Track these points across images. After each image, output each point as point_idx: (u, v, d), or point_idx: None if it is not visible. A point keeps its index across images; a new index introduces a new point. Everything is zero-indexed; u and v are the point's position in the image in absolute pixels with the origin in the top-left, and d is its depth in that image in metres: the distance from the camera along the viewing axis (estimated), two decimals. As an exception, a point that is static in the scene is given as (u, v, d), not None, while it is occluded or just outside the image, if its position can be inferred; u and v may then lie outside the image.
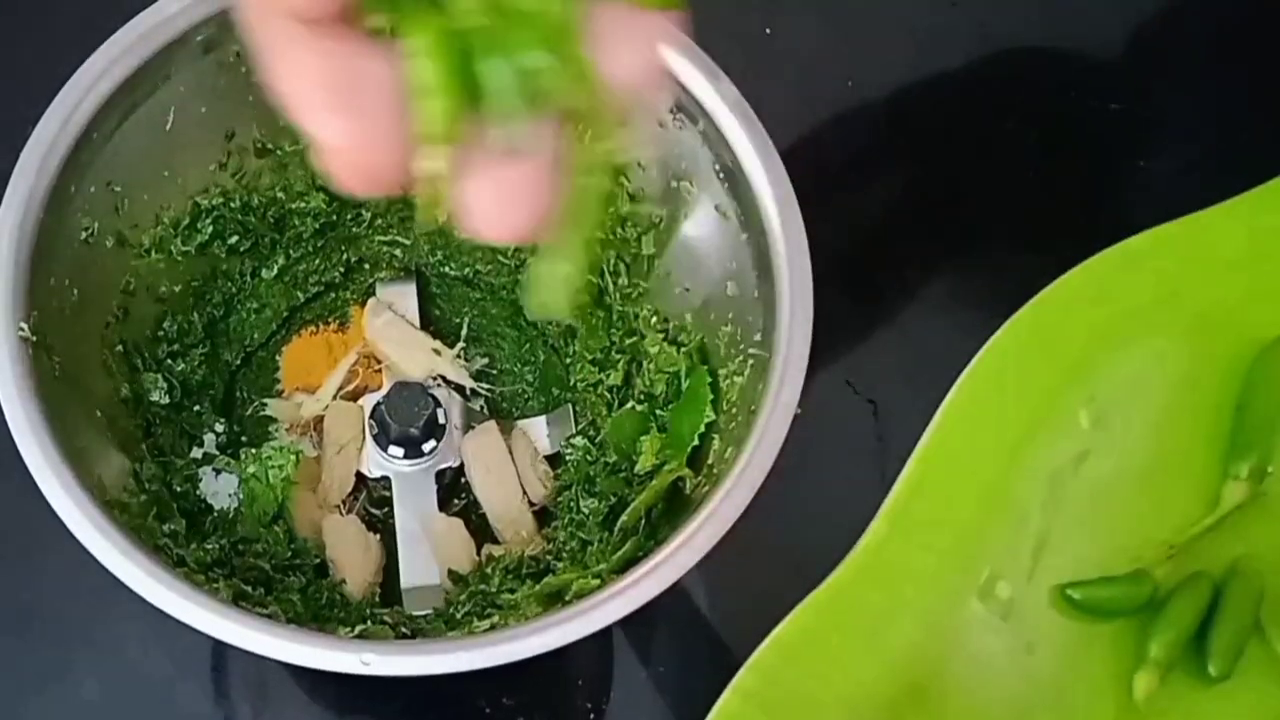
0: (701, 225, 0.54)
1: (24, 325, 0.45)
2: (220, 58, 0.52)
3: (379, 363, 0.61)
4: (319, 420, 0.59)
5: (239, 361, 0.60)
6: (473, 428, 0.60)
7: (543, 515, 0.59)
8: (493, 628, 0.49)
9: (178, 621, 0.43)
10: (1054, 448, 0.51)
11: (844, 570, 0.46)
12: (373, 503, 0.59)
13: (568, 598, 0.50)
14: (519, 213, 0.27)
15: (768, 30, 0.71)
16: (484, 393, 0.62)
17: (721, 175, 0.52)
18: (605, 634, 0.59)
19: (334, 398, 0.59)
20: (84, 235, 0.50)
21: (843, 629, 0.44)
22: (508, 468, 0.59)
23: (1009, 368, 0.51)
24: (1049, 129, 0.72)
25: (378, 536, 0.57)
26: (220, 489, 0.56)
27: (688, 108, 0.52)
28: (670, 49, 0.52)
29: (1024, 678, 0.47)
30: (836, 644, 0.44)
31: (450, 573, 0.56)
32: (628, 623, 0.59)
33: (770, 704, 0.42)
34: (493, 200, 0.27)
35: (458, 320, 0.63)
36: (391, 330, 0.60)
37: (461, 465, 0.59)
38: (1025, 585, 0.49)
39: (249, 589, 0.50)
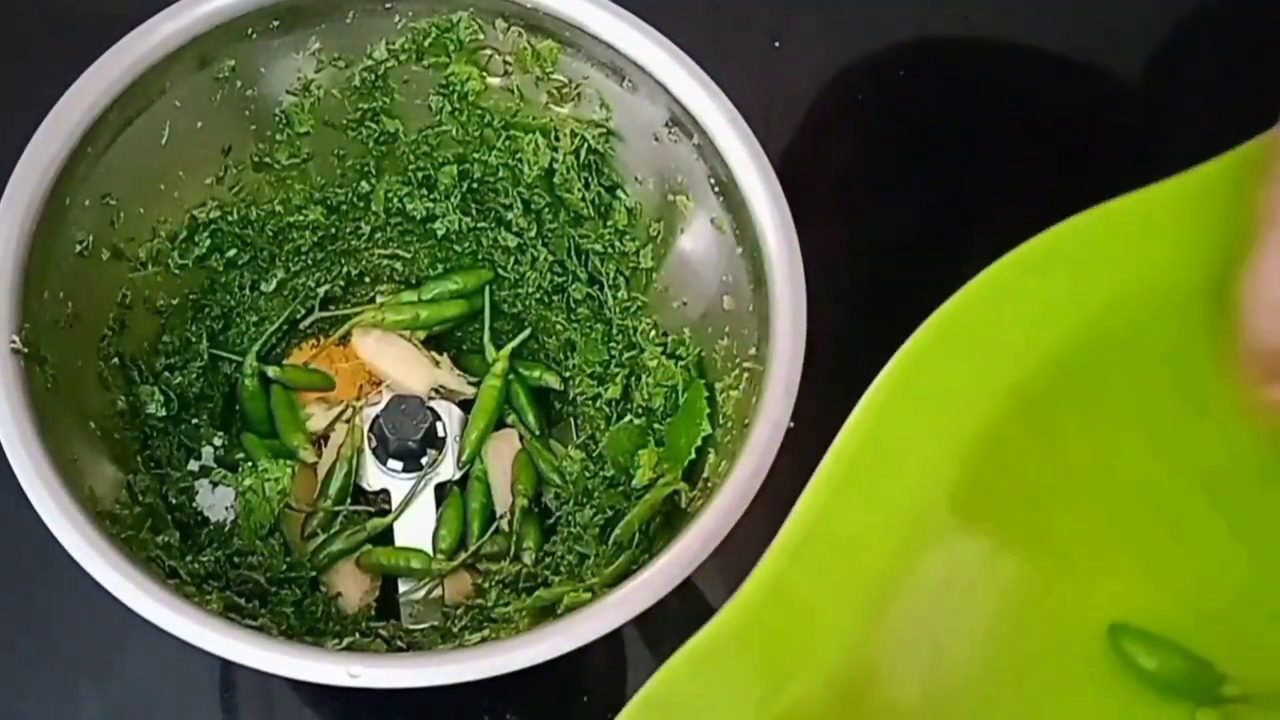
0: (698, 239, 0.54)
1: (15, 338, 0.46)
2: (215, 73, 0.52)
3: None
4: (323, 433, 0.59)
5: (238, 374, 0.60)
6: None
7: (548, 530, 0.59)
8: (484, 641, 0.49)
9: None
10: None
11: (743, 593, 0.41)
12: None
13: (559, 611, 0.50)
14: None
15: (777, 44, 0.71)
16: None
17: (717, 189, 0.52)
18: (617, 645, 0.59)
19: (342, 418, 0.59)
20: (79, 248, 0.50)
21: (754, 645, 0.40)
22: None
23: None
24: (1063, 146, 0.71)
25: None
26: (217, 501, 0.56)
27: (683, 122, 0.52)
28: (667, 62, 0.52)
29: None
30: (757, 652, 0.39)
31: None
32: (641, 633, 0.58)
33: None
34: None
35: (459, 333, 0.63)
36: (385, 347, 0.60)
37: (461, 478, 0.59)
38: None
39: (242, 601, 0.50)
